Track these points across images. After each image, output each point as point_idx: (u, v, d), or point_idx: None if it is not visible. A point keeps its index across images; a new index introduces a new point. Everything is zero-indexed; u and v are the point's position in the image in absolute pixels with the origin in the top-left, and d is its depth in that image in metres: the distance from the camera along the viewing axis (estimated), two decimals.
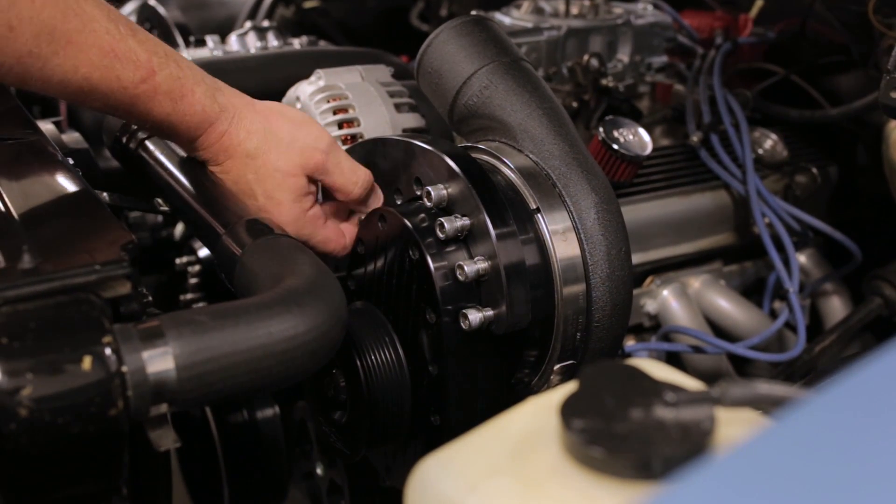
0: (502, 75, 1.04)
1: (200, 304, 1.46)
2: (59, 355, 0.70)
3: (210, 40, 1.60)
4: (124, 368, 0.72)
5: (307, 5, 2.05)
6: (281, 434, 1.34)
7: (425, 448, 0.98)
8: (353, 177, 1.04)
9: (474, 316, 0.92)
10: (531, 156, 1.02)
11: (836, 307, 1.46)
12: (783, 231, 1.33)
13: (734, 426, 0.56)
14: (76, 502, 0.76)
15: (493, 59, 1.05)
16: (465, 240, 0.95)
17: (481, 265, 0.93)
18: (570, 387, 0.58)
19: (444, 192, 0.96)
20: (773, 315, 1.39)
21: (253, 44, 1.65)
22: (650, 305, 1.36)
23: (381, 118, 1.22)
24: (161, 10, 1.77)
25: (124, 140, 1.16)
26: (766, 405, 0.56)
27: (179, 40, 1.68)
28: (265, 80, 1.34)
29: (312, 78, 1.26)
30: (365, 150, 1.09)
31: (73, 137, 1.34)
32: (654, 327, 1.37)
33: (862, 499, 0.41)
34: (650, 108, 1.56)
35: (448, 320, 0.94)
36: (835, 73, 1.52)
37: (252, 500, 1.38)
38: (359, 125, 1.21)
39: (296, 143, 1.01)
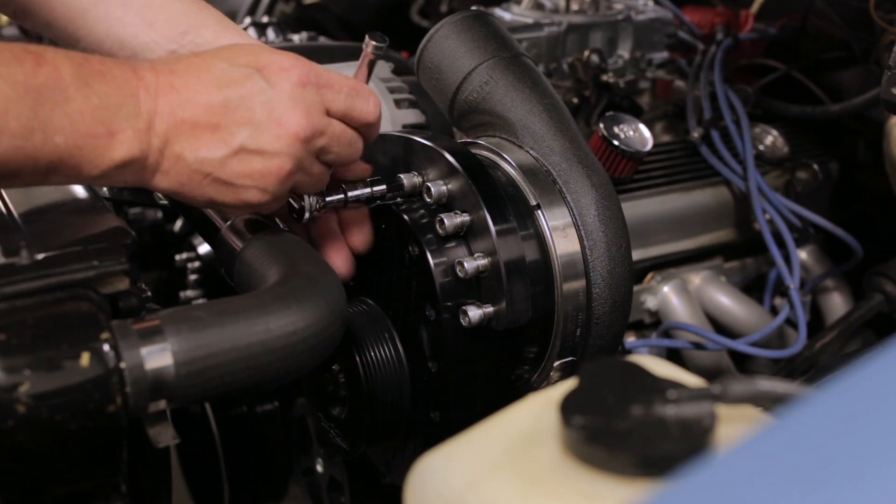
0: (503, 71, 1.04)
1: (200, 301, 1.46)
2: (56, 351, 0.70)
3: None
4: (122, 364, 0.72)
5: (307, 1, 2.04)
6: (281, 430, 1.35)
7: (425, 444, 0.98)
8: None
9: (474, 312, 0.92)
10: (531, 152, 1.01)
11: (836, 303, 1.46)
12: (784, 227, 1.33)
13: (735, 423, 0.56)
14: (75, 499, 0.76)
15: (494, 55, 1.05)
16: (465, 236, 0.95)
17: (481, 261, 0.92)
18: (571, 383, 0.58)
19: (444, 188, 0.96)
20: (774, 311, 1.39)
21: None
22: (650, 302, 1.35)
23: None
24: None
25: None
26: (767, 402, 0.55)
27: None
28: None
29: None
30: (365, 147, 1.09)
31: None
32: (655, 324, 1.37)
33: (863, 496, 0.41)
34: (651, 104, 1.56)
35: (448, 317, 0.94)
36: (836, 69, 1.51)
37: (252, 497, 1.39)
38: None
39: None
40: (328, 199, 0.96)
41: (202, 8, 1.02)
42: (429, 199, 0.96)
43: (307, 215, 0.95)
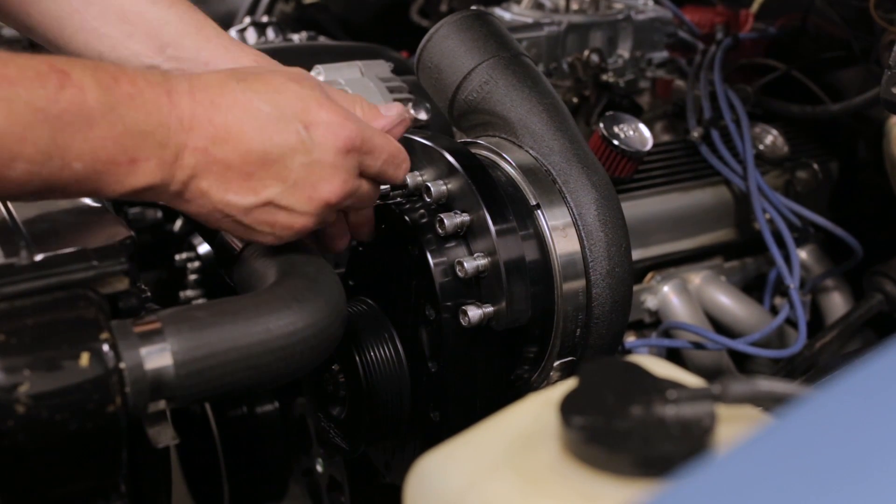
0: (503, 70, 1.04)
1: (200, 301, 1.46)
2: (56, 352, 0.70)
3: None
4: (122, 365, 0.72)
5: (307, 1, 2.04)
6: (281, 430, 1.34)
7: (424, 444, 0.98)
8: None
9: (474, 312, 0.92)
10: (531, 151, 1.01)
11: (836, 303, 1.46)
12: (784, 227, 1.33)
13: (735, 423, 0.56)
14: (74, 499, 0.76)
15: (494, 54, 1.04)
16: (464, 236, 0.95)
17: (481, 261, 0.92)
18: (570, 383, 0.58)
19: (444, 187, 0.96)
20: (774, 311, 1.39)
21: (252, 39, 1.65)
22: (650, 301, 1.35)
23: None
24: None
25: None
26: (767, 402, 0.55)
27: None
28: None
29: (312, 73, 1.25)
30: None
31: None
32: (655, 323, 1.37)
33: (863, 497, 0.41)
34: (651, 103, 1.56)
35: (448, 317, 0.94)
36: (836, 69, 1.51)
37: (252, 497, 1.38)
38: None
39: None
40: None
41: (183, 16, 0.99)
42: (428, 199, 0.96)
43: None
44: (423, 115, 0.96)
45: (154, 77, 0.79)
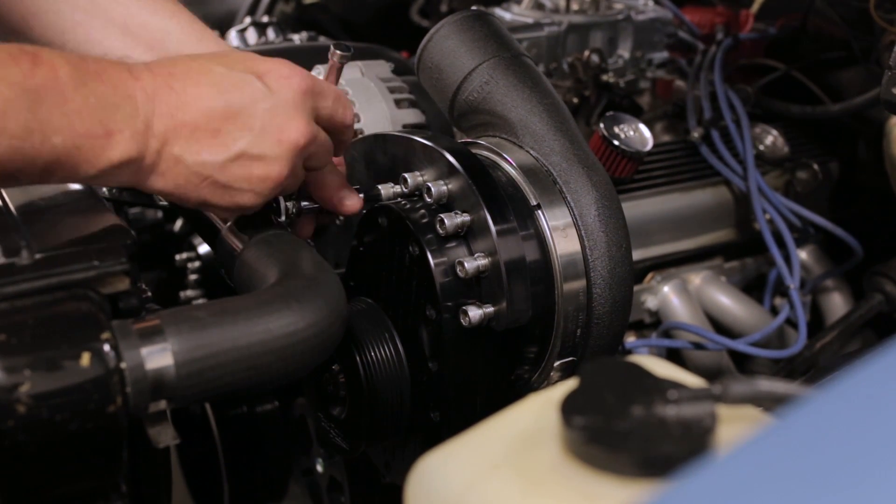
0: (503, 71, 1.04)
1: (200, 301, 1.46)
2: (57, 352, 0.70)
3: None
4: (123, 365, 0.72)
5: (307, 1, 2.04)
6: (281, 430, 1.34)
7: (425, 444, 0.98)
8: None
9: (474, 312, 0.92)
10: (532, 152, 1.01)
11: (837, 303, 1.46)
12: (784, 227, 1.33)
13: (735, 423, 0.56)
14: (75, 499, 0.76)
15: (494, 55, 1.04)
16: (465, 236, 0.95)
17: (482, 261, 0.92)
18: (571, 384, 0.58)
19: (445, 188, 0.96)
20: (774, 311, 1.39)
21: (252, 40, 1.65)
22: (651, 302, 1.35)
23: (381, 114, 1.22)
24: None
25: None
26: (768, 402, 0.55)
27: None
28: None
29: (312, 73, 1.25)
30: (365, 146, 1.09)
31: None
32: (655, 324, 1.37)
33: (864, 497, 0.41)
34: (651, 103, 1.56)
35: (448, 317, 0.94)
36: (836, 69, 1.51)
37: (252, 497, 1.38)
38: (359, 121, 1.20)
39: None
40: (303, 204, 0.99)
41: (185, 27, 1.03)
42: (429, 199, 0.96)
43: (282, 218, 0.97)
44: (344, 51, 0.99)
45: (113, 59, 0.83)
